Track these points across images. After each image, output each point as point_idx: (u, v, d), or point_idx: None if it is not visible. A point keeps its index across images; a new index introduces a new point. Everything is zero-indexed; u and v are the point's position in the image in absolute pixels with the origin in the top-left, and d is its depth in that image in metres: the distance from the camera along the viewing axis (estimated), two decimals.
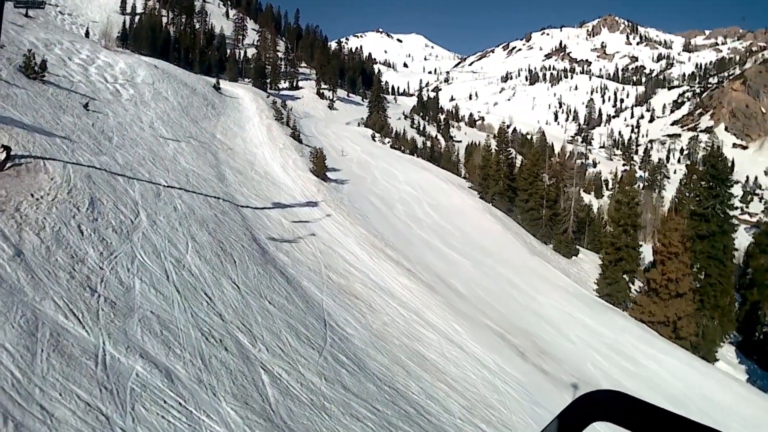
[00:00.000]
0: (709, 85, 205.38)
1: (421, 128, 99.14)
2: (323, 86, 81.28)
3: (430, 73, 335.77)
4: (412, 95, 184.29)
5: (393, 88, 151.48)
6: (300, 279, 13.72)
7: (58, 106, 18.53)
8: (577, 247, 38.76)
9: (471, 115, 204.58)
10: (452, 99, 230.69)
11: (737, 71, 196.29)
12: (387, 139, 59.99)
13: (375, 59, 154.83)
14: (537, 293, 22.82)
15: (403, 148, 57.44)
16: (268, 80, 69.56)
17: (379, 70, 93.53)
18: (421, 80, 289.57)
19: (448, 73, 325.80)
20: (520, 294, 21.69)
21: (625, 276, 32.67)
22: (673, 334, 30.38)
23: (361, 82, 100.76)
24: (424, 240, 23.81)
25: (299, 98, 71.02)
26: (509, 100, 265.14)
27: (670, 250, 28.94)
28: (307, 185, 24.66)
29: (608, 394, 0.70)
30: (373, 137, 56.23)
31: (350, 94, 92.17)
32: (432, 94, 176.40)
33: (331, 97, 79.59)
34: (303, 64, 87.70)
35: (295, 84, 79.65)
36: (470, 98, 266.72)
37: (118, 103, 24.53)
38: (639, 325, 26.59)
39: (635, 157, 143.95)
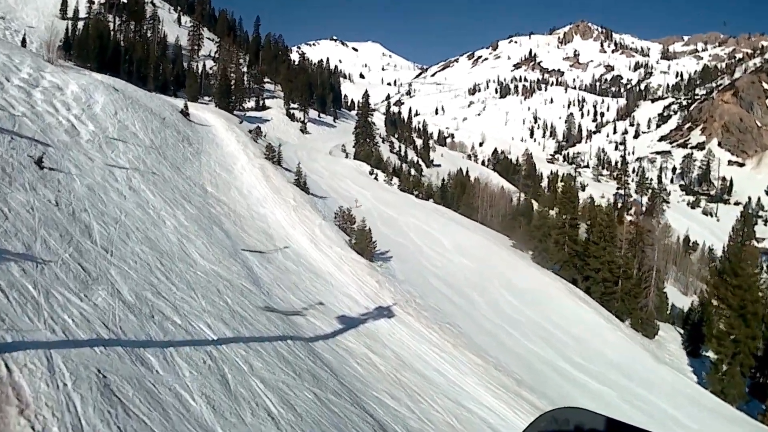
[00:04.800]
0: (696, 97, 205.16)
1: (402, 153, 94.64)
2: (292, 106, 75.69)
3: (389, 84, 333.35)
4: (373, 110, 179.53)
5: (351, 102, 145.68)
6: None
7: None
8: (656, 321, 34.47)
9: (440, 132, 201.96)
10: (417, 114, 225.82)
11: (726, 81, 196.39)
12: (394, 180, 55.10)
13: (332, 70, 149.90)
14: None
15: (418, 193, 52.47)
16: (232, 98, 63.32)
17: (370, 99, 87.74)
18: (388, 94, 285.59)
19: (410, 84, 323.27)
20: None
21: (740, 369, 28.30)
22: None
23: (332, 100, 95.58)
24: (541, 358, 18.68)
25: (268, 120, 65.23)
26: (479, 114, 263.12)
27: None
28: (360, 275, 19.14)
29: (570, 412, 0.76)
30: (374, 175, 51.19)
31: (321, 114, 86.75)
32: (396, 109, 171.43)
33: (302, 119, 74.15)
34: (266, 80, 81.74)
35: (261, 103, 73.68)
36: (436, 113, 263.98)
37: (79, 148, 18.62)
38: None
39: (629, 180, 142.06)
